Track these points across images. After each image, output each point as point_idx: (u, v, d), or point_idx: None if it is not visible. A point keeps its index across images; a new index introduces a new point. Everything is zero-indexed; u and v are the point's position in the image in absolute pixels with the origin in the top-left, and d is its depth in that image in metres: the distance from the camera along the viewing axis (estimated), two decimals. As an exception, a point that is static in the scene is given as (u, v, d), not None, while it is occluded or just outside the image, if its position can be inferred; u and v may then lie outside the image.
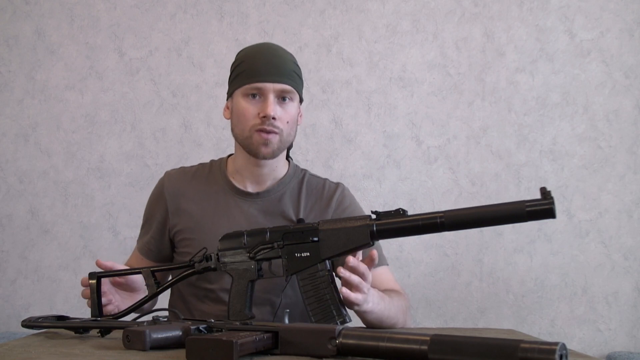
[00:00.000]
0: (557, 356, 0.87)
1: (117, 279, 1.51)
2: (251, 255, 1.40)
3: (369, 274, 1.35)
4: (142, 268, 1.50)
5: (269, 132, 1.53)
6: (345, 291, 1.31)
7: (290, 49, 1.67)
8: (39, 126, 2.68)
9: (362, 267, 1.32)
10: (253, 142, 1.56)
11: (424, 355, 0.96)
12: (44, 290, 2.64)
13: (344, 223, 1.35)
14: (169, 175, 1.71)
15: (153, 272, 1.48)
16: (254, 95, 1.55)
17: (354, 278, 1.31)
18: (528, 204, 1.17)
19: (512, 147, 2.67)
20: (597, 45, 2.69)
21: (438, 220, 1.25)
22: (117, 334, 1.21)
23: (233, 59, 1.64)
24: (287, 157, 1.71)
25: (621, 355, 2.55)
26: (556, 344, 0.89)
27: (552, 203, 1.15)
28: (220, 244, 1.44)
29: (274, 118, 1.53)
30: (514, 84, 2.68)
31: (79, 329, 1.30)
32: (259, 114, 1.53)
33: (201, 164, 1.73)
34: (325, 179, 1.71)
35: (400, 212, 1.29)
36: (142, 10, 2.70)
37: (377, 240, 1.34)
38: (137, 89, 2.69)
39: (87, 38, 2.70)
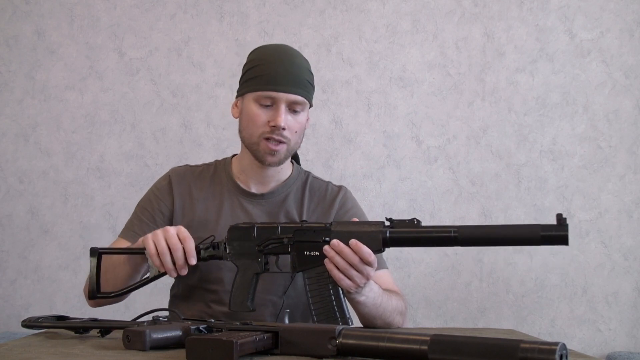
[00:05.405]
0: (557, 356, 0.87)
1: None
2: (260, 248, 1.40)
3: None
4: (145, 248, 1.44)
5: (277, 141, 1.53)
6: (336, 273, 1.32)
7: (290, 49, 1.67)
8: (39, 126, 2.68)
9: (347, 250, 1.31)
10: (260, 150, 1.55)
11: (424, 355, 0.96)
12: (44, 290, 2.64)
13: (357, 227, 1.34)
14: (177, 173, 1.69)
15: None
16: (266, 103, 1.54)
17: (338, 259, 1.31)
18: (543, 229, 1.19)
19: (512, 147, 2.67)
20: (597, 45, 2.69)
21: (452, 234, 1.25)
22: (117, 334, 1.21)
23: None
24: (293, 158, 1.71)
25: (621, 355, 2.55)
26: (556, 344, 0.89)
27: (567, 230, 1.18)
28: (229, 233, 1.43)
29: (283, 128, 1.52)
30: (514, 84, 2.68)
31: (79, 329, 1.30)
32: (269, 122, 1.52)
33: (206, 165, 1.72)
34: (328, 182, 1.71)
35: (414, 222, 1.29)
36: (142, 10, 2.70)
37: (389, 247, 1.33)
38: (137, 89, 2.69)
39: (87, 38, 2.70)
